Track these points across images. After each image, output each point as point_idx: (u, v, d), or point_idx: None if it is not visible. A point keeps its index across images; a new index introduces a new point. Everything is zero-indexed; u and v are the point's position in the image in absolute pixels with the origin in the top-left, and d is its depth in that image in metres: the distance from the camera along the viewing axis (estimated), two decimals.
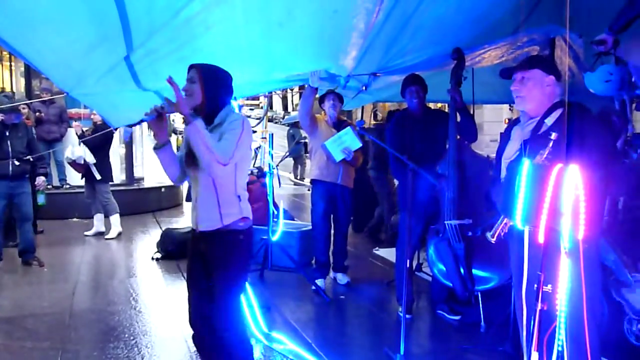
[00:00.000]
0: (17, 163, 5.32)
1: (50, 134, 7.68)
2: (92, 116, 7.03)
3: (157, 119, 2.41)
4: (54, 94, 7.67)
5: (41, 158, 5.78)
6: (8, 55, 17.87)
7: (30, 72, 10.61)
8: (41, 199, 5.87)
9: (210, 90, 2.48)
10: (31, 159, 5.50)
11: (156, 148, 2.51)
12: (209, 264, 2.54)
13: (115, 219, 7.15)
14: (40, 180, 5.71)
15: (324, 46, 3.83)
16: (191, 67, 2.53)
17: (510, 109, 10.80)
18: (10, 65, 18.73)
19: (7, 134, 5.30)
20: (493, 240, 2.50)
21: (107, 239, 7.01)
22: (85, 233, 7.20)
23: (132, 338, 3.76)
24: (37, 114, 8.21)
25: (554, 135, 2.14)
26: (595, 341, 2.29)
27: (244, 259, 2.57)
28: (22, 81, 12.97)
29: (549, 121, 2.43)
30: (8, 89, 18.35)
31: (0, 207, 5.37)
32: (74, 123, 7.00)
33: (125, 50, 3.23)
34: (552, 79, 2.49)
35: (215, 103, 2.50)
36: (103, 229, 7.22)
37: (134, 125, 2.57)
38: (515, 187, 2.11)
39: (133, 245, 6.86)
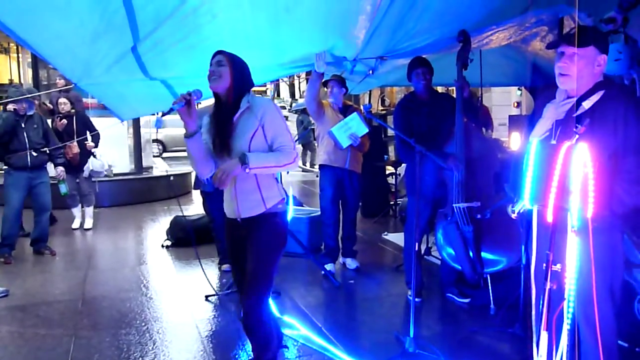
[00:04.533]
0: (34, 154, 5.37)
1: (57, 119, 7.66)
2: (61, 107, 6.64)
3: (186, 107, 2.42)
4: (68, 82, 7.66)
5: (57, 148, 5.81)
6: (15, 47, 17.95)
7: (37, 63, 10.63)
8: (63, 189, 5.93)
9: (239, 74, 2.50)
10: (48, 151, 5.54)
11: (186, 136, 2.52)
12: (249, 246, 2.58)
13: (91, 210, 7.12)
14: (59, 170, 5.76)
15: (331, 30, 3.81)
16: (217, 53, 2.55)
17: (519, 90, 10.68)
18: (18, 57, 18.84)
19: (23, 125, 5.34)
20: (514, 216, 2.43)
21: (86, 229, 6.98)
22: (73, 227, 7.04)
23: (143, 324, 3.80)
24: (47, 106, 8.23)
25: (581, 129, 2.00)
26: (608, 321, 2.26)
27: (278, 241, 2.61)
28: (30, 72, 13.00)
29: (587, 104, 2.22)
30: (16, 80, 18.48)
31: (19, 198, 5.43)
32: (58, 122, 6.62)
33: (132, 40, 3.22)
34: (604, 59, 2.25)
35: (242, 89, 2.52)
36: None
37: (165, 114, 2.53)
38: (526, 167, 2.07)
39: (143, 233, 6.91)
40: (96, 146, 6.83)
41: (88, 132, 6.77)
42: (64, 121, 6.62)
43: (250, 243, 2.57)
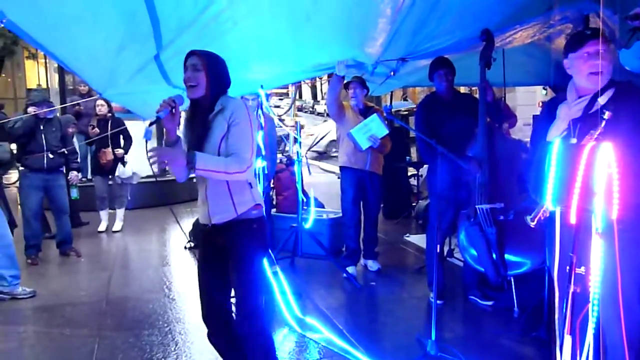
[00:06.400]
0: (51, 156, 5.45)
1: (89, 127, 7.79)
2: (98, 109, 6.75)
3: (171, 115, 2.32)
4: (91, 87, 7.77)
5: (74, 153, 5.89)
6: (43, 53, 18.40)
7: (63, 69, 10.83)
8: (74, 193, 6.01)
9: (215, 78, 2.40)
10: (65, 152, 5.62)
11: (168, 145, 2.41)
12: (226, 256, 2.48)
13: (122, 212, 7.19)
14: (73, 174, 5.83)
15: (351, 35, 3.80)
16: (192, 53, 2.42)
17: (544, 90, 10.48)
18: (45, 63, 19.26)
19: (42, 127, 5.43)
20: (532, 224, 2.38)
21: (114, 231, 7.05)
22: (99, 229, 7.08)
23: (166, 325, 3.83)
24: (77, 107, 8.38)
25: (607, 115, 1.98)
26: (635, 325, 2.21)
27: (259, 248, 2.49)
28: (56, 77, 13.26)
29: (602, 100, 2.22)
30: (43, 85, 18.88)
31: (37, 200, 5.51)
32: (91, 130, 6.74)
33: (155, 48, 3.26)
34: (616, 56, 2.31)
35: (218, 92, 2.42)
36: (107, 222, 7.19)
37: (153, 123, 2.38)
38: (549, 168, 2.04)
39: (166, 235, 6.98)
40: (126, 153, 6.89)
41: (121, 137, 6.86)
42: (96, 130, 6.69)
43: (231, 253, 2.46)
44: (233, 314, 2.60)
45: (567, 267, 1.99)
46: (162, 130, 9.69)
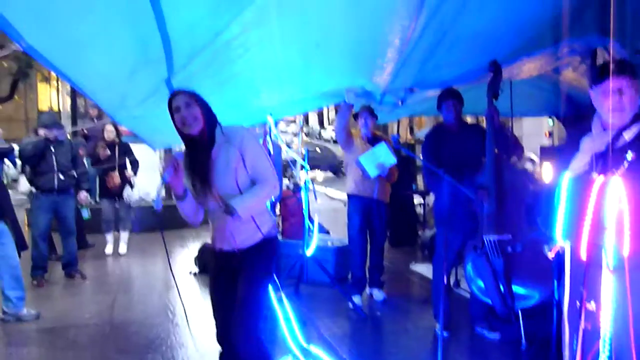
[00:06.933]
0: (62, 177, 5.49)
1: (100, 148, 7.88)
2: (106, 134, 6.84)
3: (174, 173, 2.40)
4: (101, 112, 7.89)
5: (85, 174, 5.94)
6: (56, 76, 18.64)
7: (76, 92, 10.99)
8: (85, 214, 6.04)
9: (207, 110, 2.48)
10: (75, 174, 5.67)
11: (179, 199, 2.50)
12: (238, 274, 2.52)
13: (126, 235, 7.23)
14: (82, 195, 5.86)
15: (359, 63, 3.84)
16: (177, 93, 2.49)
17: (551, 120, 10.45)
18: (58, 86, 19.54)
19: (53, 149, 5.48)
20: (551, 256, 2.34)
21: (121, 254, 7.07)
22: (106, 252, 7.11)
23: (169, 350, 3.80)
24: (82, 131, 8.49)
25: (630, 156, 1.94)
26: None
27: (269, 265, 2.59)
28: (68, 100, 13.44)
29: (628, 135, 2.15)
30: (55, 108, 19.14)
31: (46, 221, 5.54)
32: (102, 152, 6.81)
33: (166, 73, 3.30)
34: None
35: (213, 123, 2.49)
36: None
37: (160, 190, 2.49)
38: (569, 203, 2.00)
39: (172, 260, 6.96)
40: (135, 175, 6.96)
41: (127, 160, 6.92)
42: (108, 152, 6.78)
43: (245, 270, 2.50)
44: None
45: (578, 302, 1.96)
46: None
